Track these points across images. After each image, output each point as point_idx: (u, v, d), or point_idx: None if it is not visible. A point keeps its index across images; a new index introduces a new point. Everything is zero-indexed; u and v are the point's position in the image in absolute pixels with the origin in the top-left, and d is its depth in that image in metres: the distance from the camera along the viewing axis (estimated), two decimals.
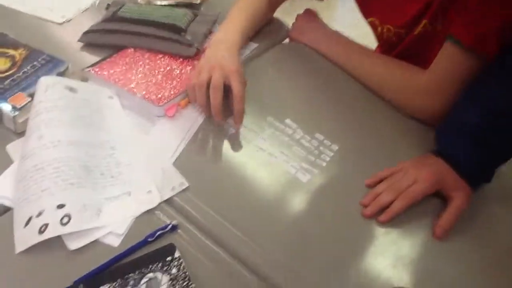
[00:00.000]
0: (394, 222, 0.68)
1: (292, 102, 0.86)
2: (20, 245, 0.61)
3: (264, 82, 0.89)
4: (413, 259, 0.65)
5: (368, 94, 0.88)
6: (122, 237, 0.63)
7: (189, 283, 0.58)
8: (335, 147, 0.78)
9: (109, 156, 0.72)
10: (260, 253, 0.63)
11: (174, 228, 0.64)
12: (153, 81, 0.82)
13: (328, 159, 0.76)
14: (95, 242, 0.62)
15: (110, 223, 0.64)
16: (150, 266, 0.59)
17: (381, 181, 0.72)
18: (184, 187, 0.69)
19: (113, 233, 0.63)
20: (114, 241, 0.63)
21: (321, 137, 0.79)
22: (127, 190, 0.68)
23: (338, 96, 0.88)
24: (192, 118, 0.80)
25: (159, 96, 0.79)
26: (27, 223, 0.62)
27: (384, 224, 0.67)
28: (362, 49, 0.91)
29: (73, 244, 0.62)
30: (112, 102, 0.80)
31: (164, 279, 0.58)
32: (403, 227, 0.68)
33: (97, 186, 0.67)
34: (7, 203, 0.65)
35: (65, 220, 0.62)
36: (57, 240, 0.61)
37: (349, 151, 0.78)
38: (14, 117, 0.73)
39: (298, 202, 0.70)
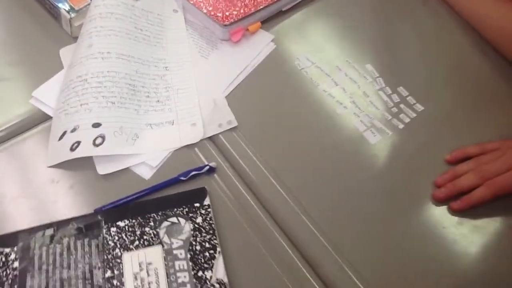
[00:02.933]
0: (472, 212, 0.55)
1: (377, 45, 0.72)
2: (51, 159, 0.58)
3: (347, 19, 0.75)
4: (485, 260, 0.53)
5: (484, 51, 0.71)
6: (155, 170, 0.58)
7: (212, 237, 0.51)
8: (419, 107, 0.64)
9: (160, 77, 0.65)
10: (301, 221, 0.55)
11: (211, 170, 0.57)
12: None
13: (407, 120, 0.63)
14: (126, 170, 0.58)
15: (145, 152, 0.59)
16: (175, 210, 0.54)
17: (467, 159, 0.58)
18: (232, 126, 0.61)
19: (146, 164, 0.58)
20: (146, 173, 0.58)
21: (405, 92, 0.66)
22: (171, 119, 0.62)
23: (438, 47, 0.72)
24: (259, 48, 0.69)
25: (227, 14, 0.69)
26: (61, 137, 0.58)
27: (457, 212, 0.55)
28: None
29: (103, 169, 0.57)
30: (176, 16, 0.72)
31: (187, 226, 0.52)
32: (481, 220, 0.55)
33: (140, 109, 0.62)
34: (49, 111, 0.62)
35: (99, 140, 0.57)
36: (88, 161, 0.57)
37: (437, 115, 0.64)
38: (70, 19, 0.67)
39: (358, 168, 0.59)
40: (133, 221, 0.53)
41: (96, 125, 0.58)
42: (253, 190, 0.57)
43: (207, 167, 0.57)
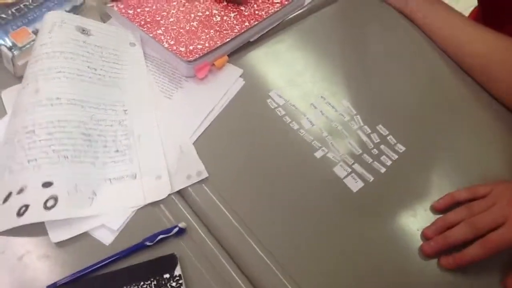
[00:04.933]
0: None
1: (352, 78, 0.68)
2: None
3: (319, 50, 0.71)
4: None
5: (464, 80, 0.68)
6: (116, 234, 0.51)
7: None
8: (401, 147, 0.61)
9: (118, 122, 0.58)
10: (283, 285, 0.50)
11: (180, 231, 0.51)
12: (186, 27, 0.66)
13: (389, 163, 0.59)
14: (84, 235, 0.51)
15: (105, 212, 0.52)
16: (142, 283, 0.47)
17: (455, 205, 0.55)
18: (202, 177, 0.55)
19: (107, 227, 0.51)
20: (107, 237, 0.51)
21: (385, 131, 0.62)
22: (132, 171, 0.55)
23: (420, 79, 0.69)
24: (228, 85, 0.64)
25: (190, 48, 0.63)
26: (5, 200, 0.51)
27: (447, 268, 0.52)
28: (472, 24, 0.69)
29: (57, 235, 0.50)
30: (134, 50, 0.65)
31: None
32: (471, 272, 0.52)
33: (97, 162, 0.55)
34: None
35: (51, 203, 0.50)
36: (40, 226, 0.50)
37: (420, 156, 0.60)
38: (13, 57, 0.60)
39: (342, 220, 0.55)
40: None
41: (47, 185, 0.51)
42: (230, 254, 0.51)
43: (176, 228, 0.51)
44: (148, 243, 0.50)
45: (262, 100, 0.63)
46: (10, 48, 0.60)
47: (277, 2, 0.70)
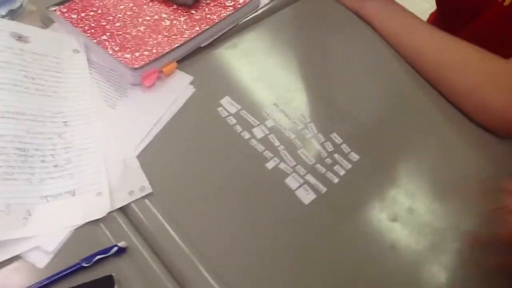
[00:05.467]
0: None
1: (310, 84, 0.66)
2: None
3: (272, 55, 0.68)
4: None
5: (422, 86, 0.66)
6: (51, 255, 0.48)
7: None
8: (355, 156, 0.59)
9: (58, 135, 0.55)
10: None
11: (120, 251, 0.49)
12: (133, 33, 0.63)
13: (343, 173, 0.57)
14: (16, 258, 0.48)
15: (40, 233, 0.49)
16: None
17: None
18: (145, 192, 0.53)
19: (41, 249, 0.48)
20: (41, 260, 0.48)
21: (339, 139, 0.60)
22: (71, 188, 0.52)
23: (377, 86, 0.67)
24: (176, 93, 0.61)
25: (137, 54, 0.60)
26: None
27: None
28: (429, 28, 0.67)
29: None
30: (77, 57, 0.62)
31: None
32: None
33: (33, 178, 0.52)
34: None
35: None
36: None
37: (374, 164, 0.59)
38: None
39: (292, 234, 0.53)
40: None
41: None
42: (174, 274, 0.49)
43: (115, 248, 0.48)
44: (85, 264, 0.47)
45: (213, 109, 0.61)
46: None
47: (230, 6, 0.68)
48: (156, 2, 0.67)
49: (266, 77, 0.65)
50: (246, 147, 0.58)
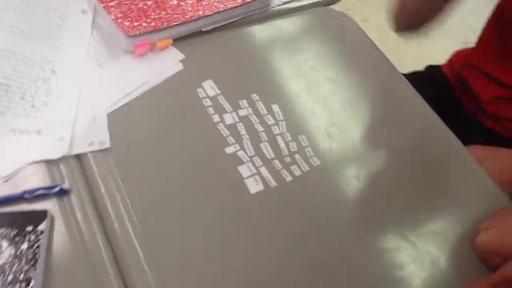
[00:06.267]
0: None
1: (293, 86, 0.67)
2: None
3: (275, 50, 0.70)
4: None
5: (408, 97, 0.66)
6: (1, 181, 0.52)
7: (30, 269, 0.46)
8: (316, 161, 0.59)
9: (43, 80, 0.59)
10: (142, 270, 0.49)
11: (62, 192, 0.52)
12: (139, 5, 0.66)
13: (298, 173, 0.58)
14: None
15: None
16: (2, 230, 0.48)
17: None
18: (103, 147, 0.56)
19: None
20: None
21: (305, 142, 0.61)
22: (39, 127, 0.56)
23: (363, 97, 0.67)
24: (164, 67, 0.64)
25: (135, 24, 0.64)
26: None
27: None
28: None
29: None
30: (84, 17, 0.66)
31: (7, 252, 0.46)
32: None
33: (8, 112, 0.56)
34: None
35: None
36: None
37: (332, 174, 0.59)
38: None
39: (230, 219, 0.53)
40: None
41: None
42: (106, 229, 0.51)
43: (58, 187, 0.51)
44: (26, 196, 0.50)
45: (193, 88, 0.63)
46: None
47: None
48: None
49: (254, 71, 0.67)
50: (212, 129, 0.60)
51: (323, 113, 0.64)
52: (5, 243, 0.47)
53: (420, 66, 1.06)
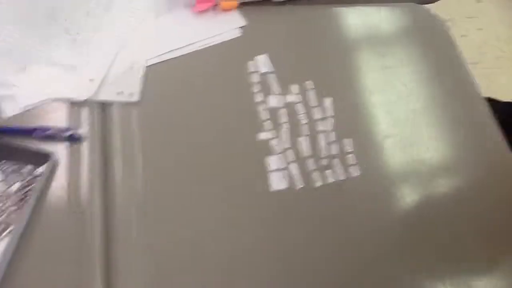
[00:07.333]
0: None
1: (359, 81, 0.59)
2: None
3: (348, 37, 0.62)
4: None
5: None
6: (20, 111, 0.50)
7: (12, 211, 0.43)
8: (356, 170, 0.51)
9: (95, 16, 0.56)
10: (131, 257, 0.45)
11: (73, 138, 0.48)
12: None
13: (330, 180, 0.50)
14: None
15: (24, 88, 0.50)
16: (3, 161, 0.45)
17: None
18: (131, 99, 0.52)
19: (14, 99, 0.50)
20: (9, 109, 0.49)
21: (350, 147, 0.53)
22: (75, 63, 0.53)
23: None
24: (220, 30, 0.58)
25: None
26: None
27: None
28: None
29: None
30: None
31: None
32: None
33: (50, 41, 0.53)
34: None
35: None
36: None
37: (373, 191, 0.51)
38: None
39: (234, 215, 0.48)
40: None
41: None
42: (108, 184, 0.47)
43: (69, 132, 0.48)
44: (36, 133, 0.48)
45: (244, 60, 0.57)
46: None
47: None
48: None
49: (317, 56, 0.59)
50: (250, 109, 0.53)
51: (382, 119, 0.56)
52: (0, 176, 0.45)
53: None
